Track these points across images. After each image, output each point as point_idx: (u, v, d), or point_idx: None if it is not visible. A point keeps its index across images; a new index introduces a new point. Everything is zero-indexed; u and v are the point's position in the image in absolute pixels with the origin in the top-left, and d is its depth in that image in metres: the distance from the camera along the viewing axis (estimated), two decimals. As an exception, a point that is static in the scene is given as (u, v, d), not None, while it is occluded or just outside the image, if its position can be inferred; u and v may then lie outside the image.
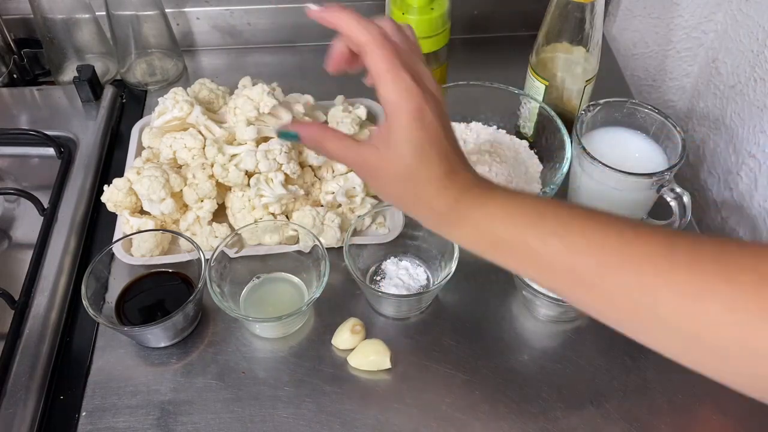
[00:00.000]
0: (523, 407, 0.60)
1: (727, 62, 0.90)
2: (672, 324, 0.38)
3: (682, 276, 0.37)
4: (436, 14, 0.71)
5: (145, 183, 0.68)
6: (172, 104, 0.72)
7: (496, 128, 0.79)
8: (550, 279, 0.43)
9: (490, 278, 0.70)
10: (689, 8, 0.94)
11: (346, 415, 0.60)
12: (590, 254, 0.40)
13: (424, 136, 0.44)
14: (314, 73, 0.94)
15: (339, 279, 0.69)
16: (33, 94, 0.90)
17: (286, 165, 0.68)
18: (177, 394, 0.61)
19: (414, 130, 0.44)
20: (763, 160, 0.81)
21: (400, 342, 0.64)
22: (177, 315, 0.60)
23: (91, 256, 0.72)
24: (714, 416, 0.60)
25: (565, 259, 0.41)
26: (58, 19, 0.86)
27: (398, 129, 0.45)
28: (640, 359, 0.63)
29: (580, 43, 0.71)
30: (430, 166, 0.44)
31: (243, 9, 0.93)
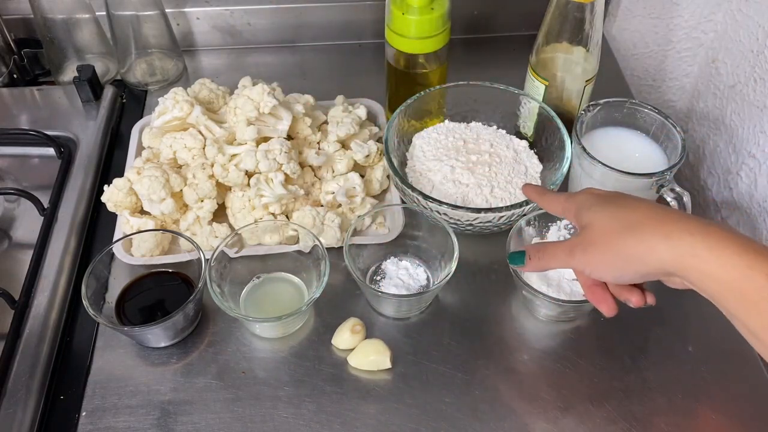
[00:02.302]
0: (523, 407, 0.60)
1: (727, 62, 0.90)
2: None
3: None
4: (436, 14, 0.71)
5: (145, 183, 0.68)
6: (172, 104, 0.72)
7: (496, 128, 0.79)
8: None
9: (490, 278, 0.70)
10: (689, 8, 0.94)
11: (346, 415, 0.60)
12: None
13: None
14: (314, 73, 0.95)
15: (339, 279, 0.69)
16: (33, 94, 0.90)
17: (286, 165, 0.68)
18: (177, 394, 0.61)
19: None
20: (763, 160, 0.81)
21: (400, 342, 0.64)
22: (177, 315, 0.60)
23: (91, 256, 0.72)
24: (714, 416, 0.60)
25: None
26: (58, 19, 0.86)
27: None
28: (640, 359, 0.63)
29: (580, 43, 0.71)
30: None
31: (243, 9, 0.93)
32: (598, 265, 0.48)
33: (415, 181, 0.73)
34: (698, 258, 0.43)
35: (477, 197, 0.70)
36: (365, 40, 0.98)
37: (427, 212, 0.66)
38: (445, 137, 0.76)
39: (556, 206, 0.56)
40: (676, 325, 0.66)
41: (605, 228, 0.48)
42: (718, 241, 0.43)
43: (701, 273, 0.43)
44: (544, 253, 0.53)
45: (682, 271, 0.44)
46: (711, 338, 0.65)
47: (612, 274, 0.49)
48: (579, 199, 0.52)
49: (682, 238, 0.44)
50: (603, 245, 0.48)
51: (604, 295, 0.52)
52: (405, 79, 0.78)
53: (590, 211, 0.49)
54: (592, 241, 0.48)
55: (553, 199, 0.56)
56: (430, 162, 0.74)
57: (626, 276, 0.48)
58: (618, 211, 0.48)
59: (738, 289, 0.42)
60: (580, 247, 0.49)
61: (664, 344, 0.65)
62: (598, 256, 0.48)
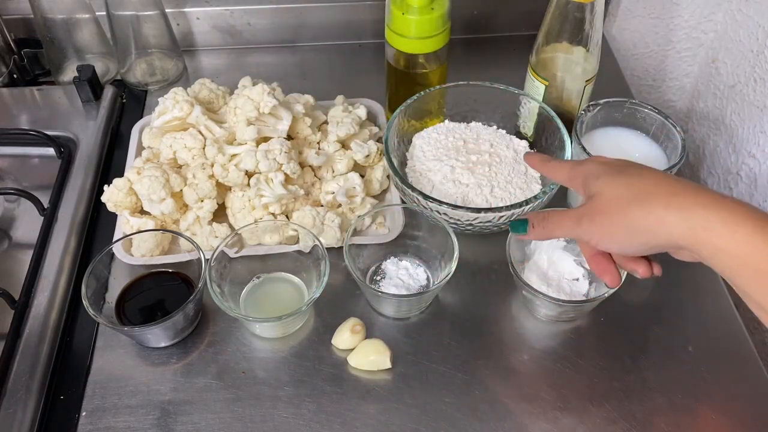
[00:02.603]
0: (523, 407, 0.60)
1: (727, 62, 0.90)
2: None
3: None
4: (436, 14, 0.71)
5: (145, 183, 0.68)
6: (172, 104, 0.72)
7: (496, 128, 0.79)
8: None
9: (490, 278, 0.70)
10: (689, 8, 0.94)
11: (346, 415, 0.60)
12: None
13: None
14: (314, 73, 0.95)
15: (339, 279, 0.69)
16: (33, 94, 0.90)
17: (286, 165, 0.68)
18: (177, 394, 0.61)
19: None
20: (763, 160, 0.81)
21: (400, 342, 0.64)
22: (177, 315, 0.60)
23: (91, 256, 0.72)
24: (714, 416, 0.60)
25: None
26: (58, 19, 0.86)
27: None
28: (640, 359, 0.63)
29: (580, 43, 0.71)
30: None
31: (243, 9, 0.93)
32: (606, 236, 0.47)
33: (415, 181, 0.73)
34: (711, 232, 0.42)
35: (477, 197, 0.70)
36: (365, 40, 0.98)
37: (427, 212, 0.66)
38: (445, 137, 0.76)
39: (561, 174, 0.54)
40: (676, 325, 0.66)
41: (614, 198, 0.46)
42: (732, 215, 0.41)
43: (714, 247, 0.42)
44: (548, 222, 0.52)
45: (694, 244, 0.43)
46: (711, 338, 0.65)
47: (619, 246, 0.48)
48: (586, 168, 0.50)
49: (694, 210, 0.42)
50: (611, 215, 0.46)
51: (609, 266, 0.51)
52: (405, 79, 0.78)
53: (598, 180, 0.48)
54: (600, 210, 0.47)
55: (558, 167, 0.55)
56: (430, 162, 0.74)
57: (633, 247, 0.47)
58: (628, 180, 0.47)
59: (752, 264, 0.41)
60: (588, 217, 0.48)
61: (664, 344, 0.65)
62: (606, 227, 0.47)
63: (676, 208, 0.43)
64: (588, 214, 0.48)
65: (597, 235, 0.48)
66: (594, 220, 0.47)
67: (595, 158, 0.52)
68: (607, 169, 0.49)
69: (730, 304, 0.68)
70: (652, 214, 0.44)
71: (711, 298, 0.68)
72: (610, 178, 0.48)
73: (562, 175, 0.54)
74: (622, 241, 0.47)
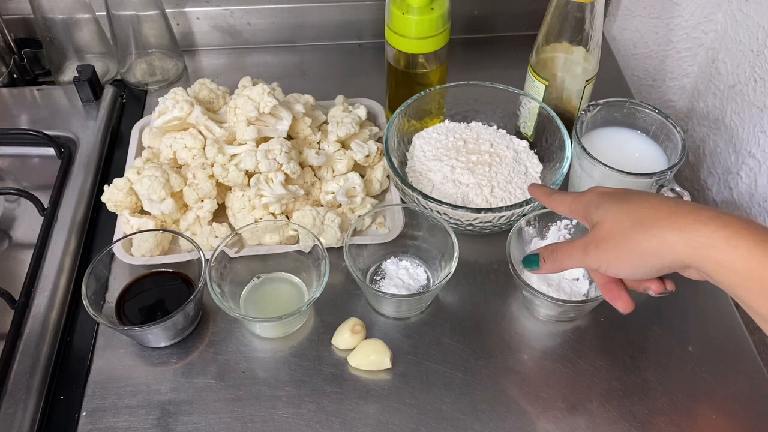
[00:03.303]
0: (523, 407, 0.60)
1: (727, 62, 0.90)
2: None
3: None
4: (436, 14, 0.71)
5: (145, 183, 0.68)
6: (172, 104, 0.72)
7: (496, 128, 0.79)
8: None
9: (490, 278, 0.70)
10: (689, 8, 0.94)
11: (346, 415, 0.60)
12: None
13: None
14: (314, 73, 0.95)
15: (339, 279, 0.69)
16: (33, 94, 0.90)
17: (286, 165, 0.68)
18: (177, 394, 0.61)
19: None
20: (763, 160, 0.81)
21: (400, 342, 0.64)
22: (177, 315, 0.60)
23: (91, 256, 0.72)
24: (714, 416, 0.60)
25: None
26: (58, 19, 0.86)
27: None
28: (640, 359, 0.63)
29: (580, 43, 0.71)
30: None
31: (243, 9, 0.93)
32: (614, 262, 0.48)
33: (415, 181, 0.73)
34: (714, 249, 0.42)
35: (477, 197, 0.70)
36: (365, 40, 0.98)
37: (427, 212, 0.66)
38: (445, 137, 0.76)
39: (563, 207, 0.55)
40: (676, 325, 0.66)
41: (616, 225, 0.47)
42: (734, 231, 0.42)
43: (717, 264, 0.43)
44: (558, 254, 0.53)
45: (698, 262, 0.43)
46: (711, 338, 0.65)
47: (628, 271, 0.48)
48: (586, 199, 0.52)
49: (696, 229, 0.43)
50: (616, 242, 0.47)
51: (620, 292, 0.52)
52: (405, 79, 0.78)
53: (599, 209, 0.49)
54: (605, 238, 0.48)
55: (560, 200, 0.56)
56: (430, 162, 0.74)
57: (642, 271, 0.48)
58: (627, 207, 0.48)
59: (757, 279, 0.41)
60: (593, 245, 0.49)
61: (664, 344, 0.65)
62: (612, 253, 0.48)
63: (678, 229, 0.44)
64: (593, 242, 0.49)
65: (605, 262, 0.49)
66: (600, 248, 0.48)
67: (594, 188, 0.53)
68: (607, 198, 0.50)
69: (730, 304, 0.68)
70: (655, 237, 0.45)
71: (711, 298, 0.68)
72: (610, 206, 0.49)
73: (564, 208, 0.56)
74: (630, 266, 0.48)
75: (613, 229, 0.48)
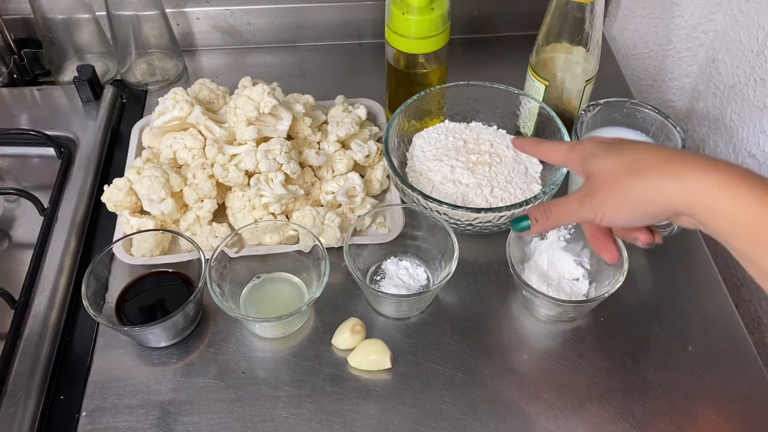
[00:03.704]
0: (523, 407, 0.60)
1: (727, 62, 0.90)
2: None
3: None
4: (436, 14, 0.71)
5: (145, 183, 0.68)
6: (172, 104, 0.72)
7: (496, 128, 0.79)
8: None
9: (490, 278, 0.70)
10: (689, 8, 0.94)
11: (346, 415, 0.60)
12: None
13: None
14: (314, 73, 0.95)
15: (339, 279, 0.69)
16: (33, 94, 0.90)
17: (286, 165, 0.68)
18: (177, 394, 0.61)
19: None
20: (763, 160, 0.81)
21: (400, 342, 0.64)
22: (177, 315, 0.60)
23: (91, 256, 0.72)
24: (714, 416, 0.60)
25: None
26: (58, 19, 0.86)
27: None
28: (640, 359, 0.63)
29: (580, 43, 0.71)
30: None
31: (243, 9, 0.93)
32: (609, 211, 0.48)
33: (415, 181, 0.73)
34: (709, 196, 0.42)
35: (477, 197, 0.70)
36: (365, 40, 0.98)
37: (427, 212, 0.66)
38: (445, 137, 0.76)
39: (557, 156, 0.55)
40: (676, 325, 0.66)
41: (612, 173, 0.47)
42: (728, 178, 0.42)
43: (712, 211, 0.42)
44: (552, 212, 0.52)
45: (692, 209, 0.43)
46: (711, 338, 0.65)
47: (623, 219, 0.48)
48: (583, 148, 0.51)
49: (691, 177, 0.43)
50: (611, 190, 0.47)
51: (608, 243, 0.53)
52: (405, 79, 0.78)
53: (595, 158, 0.49)
54: (601, 187, 0.48)
55: (553, 149, 0.55)
56: (430, 162, 0.74)
57: (636, 218, 0.47)
58: (623, 155, 0.48)
59: (750, 226, 0.41)
60: (589, 196, 0.49)
61: (664, 344, 0.65)
62: (608, 202, 0.48)
63: (673, 176, 0.44)
64: (589, 193, 0.49)
65: (601, 211, 0.49)
66: (596, 198, 0.48)
67: (591, 138, 0.52)
68: (603, 148, 0.50)
69: (730, 304, 0.68)
70: (650, 184, 0.45)
71: (711, 298, 0.68)
72: (606, 155, 0.49)
73: (557, 157, 0.55)
74: (626, 214, 0.48)
75: (609, 178, 0.48)
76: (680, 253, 0.72)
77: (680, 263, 0.71)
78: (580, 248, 0.68)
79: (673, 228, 0.67)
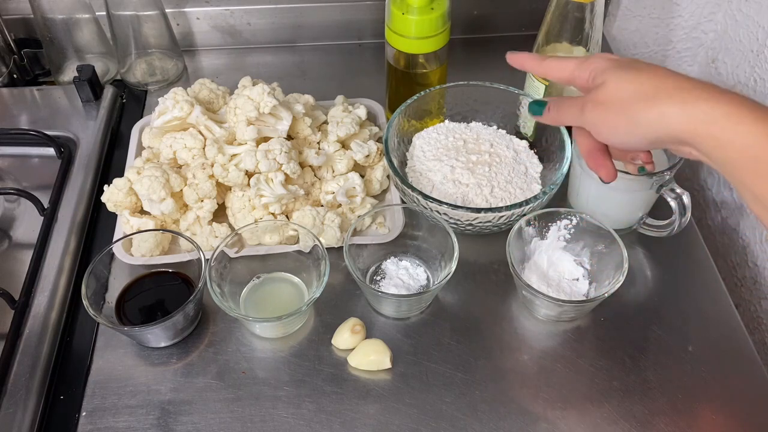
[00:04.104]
0: (523, 407, 0.60)
1: (727, 62, 0.90)
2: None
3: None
4: (436, 14, 0.71)
5: (145, 183, 0.68)
6: (172, 104, 0.72)
7: (496, 128, 0.79)
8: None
9: (490, 278, 0.70)
10: (689, 8, 0.94)
11: (346, 415, 0.60)
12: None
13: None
14: (314, 73, 0.95)
15: (339, 279, 0.69)
16: (33, 94, 0.90)
17: (286, 165, 0.68)
18: (177, 394, 0.61)
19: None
20: (763, 160, 0.81)
21: (400, 342, 0.64)
22: (177, 315, 0.60)
23: (91, 256, 0.72)
24: (714, 416, 0.60)
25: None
26: (58, 19, 0.86)
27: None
28: (640, 359, 0.63)
29: (580, 43, 0.71)
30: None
31: (243, 9, 0.93)
32: (606, 125, 0.48)
33: (415, 181, 0.73)
34: (715, 125, 0.42)
35: (477, 197, 0.70)
36: (365, 40, 0.98)
37: (427, 212, 0.66)
38: (445, 137, 0.76)
39: (564, 71, 0.53)
40: (676, 325, 0.66)
41: (620, 90, 0.46)
42: (735, 108, 0.41)
43: (716, 140, 0.42)
44: (561, 106, 0.52)
45: (696, 138, 0.43)
46: (711, 338, 0.65)
47: (621, 138, 0.48)
48: (594, 63, 0.50)
49: (697, 105, 0.43)
50: (615, 106, 0.47)
51: (604, 161, 0.52)
52: (405, 79, 0.78)
53: (605, 72, 0.48)
54: (605, 100, 0.47)
55: (559, 65, 0.53)
56: (430, 162, 0.74)
57: (634, 140, 0.47)
58: (633, 75, 0.47)
59: (754, 156, 0.41)
60: (591, 104, 0.48)
61: (664, 344, 0.65)
62: (609, 117, 0.47)
63: (679, 102, 0.43)
64: (592, 101, 0.48)
65: (598, 123, 0.48)
66: (597, 109, 0.48)
67: (602, 54, 0.51)
68: (615, 64, 0.49)
69: (730, 304, 0.68)
70: (655, 107, 0.44)
71: (711, 298, 0.68)
72: (616, 71, 0.48)
73: (563, 73, 0.53)
74: (624, 133, 0.47)
75: (615, 93, 0.47)
76: (680, 253, 0.72)
77: (680, 263, 0.71)
78: (580, 248, 0.68)
79: (673, 228, 0.67)
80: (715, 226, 0.90)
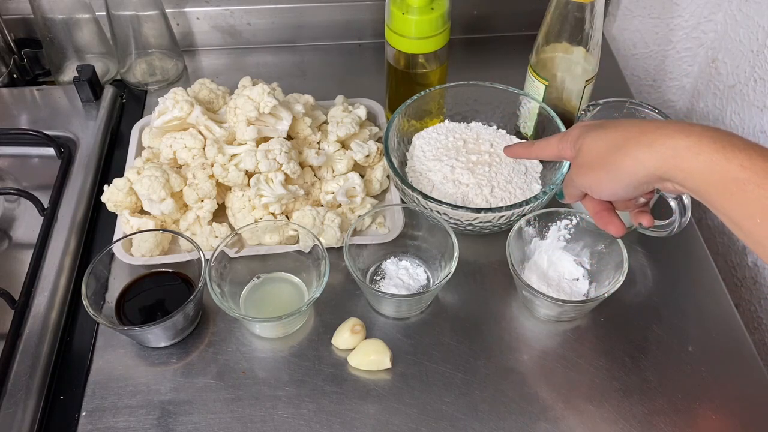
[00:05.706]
0: (523, 407, 0.60)
1: (727, 62, 0.90)
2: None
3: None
4: (436, 14, 0.71)
5: (145, 183, 0.68)
6: (172, 104, 0.72)
7: (496, 128, 0.79)
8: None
9: (490, 278, 0.70)
10: (689, 8, 0.94)
11: (346, 415, 0.60)
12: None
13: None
14: (314, 73, 0.95)
15: (339, 279, 0.69)
16: (33, 94, 0.90)
17: (286, 165, 0.68)
18: (177, 394, 0.61)
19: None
20: (763, 160, 0.81)
21: (400, 342, 0.64)
22: (177, 315, 0.60)
23: (91, 256, 0.72)
24: (714, 416, 0.60)
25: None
26: (58, 19, 0.86)
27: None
28: (640, 359, 0.63)
29: (579, 43, 0.71)
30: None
31: (243, 9, 0.93)
32: (594, 183, 0.53)
33: (415, 181, 0.73)
34: (679, 158, 0.45)
35: (477, 197, 0.70)
36: (365, 40, 0.98)
37: (427, 212, 0.66)
38: (445, 137, 0.76)
39: (551, 150, 0.59)
40: (676, 325, 0.66)
41: (595, 149, 0.52)
42: (696, 139, 0.45)
43: (684, 171, 0.46)
44: (566, 187, 0.59)
45: (668, 173, 0.46)
46: (711, 338, 0.65)
47: (609, 191, 0.52)
48: (572, 133, 0.56)
49: (663, 143, 0.46)
50: (596, 164, 0.52)
51: (611, 218, 0.57)
52: (405, 79, 0.78)
53: (580, 138, 0.54)
54: (586, 162, 0.53)
55: (545, 144, 0.60)
56: (430, 162, 0.74)
57: (621, 189, 0.51)
58: (603, 132, 0.52)
59: (718, 182, 0.44)
60: (576, 169, 0.54)
61: (664, 344, 0.65)
62: (594, 175, 0.52)
63: (647, 145, 0.47)
64: (577, 166, 0.54)
65: (588, 184, 0.53)
66: (581, 173, 0.54)
67: (577, 125, 0.57)
68: (587, 129, 0.54)
69: (730, 304, 0.68)
70: (628, 155, 0.49)
71: (711, 298, 0.68)
72: (589, 134, 0.53)
73: (551, 150, 0.59)
74: (609, 186, 0.52)
75: (591, 153, 0.52)
76: (680, 253, 0.72)
77: (680, 263, 0.71)
78: (580, 248, 0.68)
79: (673, 228, 0.67)
80: (715, 226, 0.90)
